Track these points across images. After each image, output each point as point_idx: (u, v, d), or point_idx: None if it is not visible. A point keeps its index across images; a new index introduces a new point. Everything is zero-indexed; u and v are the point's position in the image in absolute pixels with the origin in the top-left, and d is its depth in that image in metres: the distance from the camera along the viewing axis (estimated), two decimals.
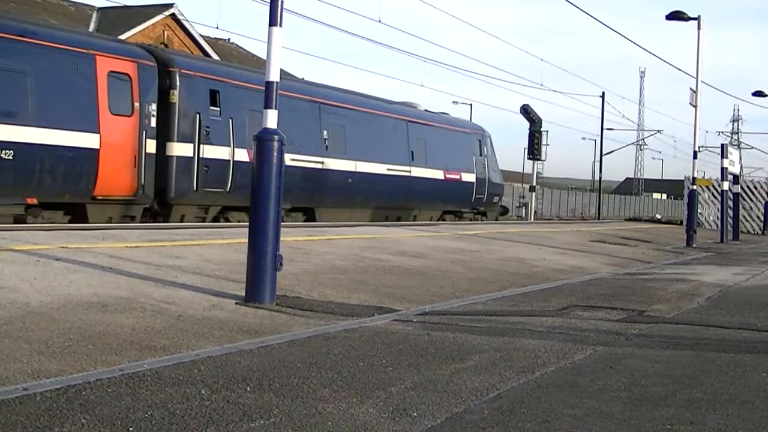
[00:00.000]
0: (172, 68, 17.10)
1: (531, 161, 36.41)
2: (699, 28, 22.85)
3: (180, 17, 30.54)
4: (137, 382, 4.05)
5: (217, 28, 32.88)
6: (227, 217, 18.30)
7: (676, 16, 22.77)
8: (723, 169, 25.76)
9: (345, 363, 4.75)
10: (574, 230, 23.51)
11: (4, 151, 13.78)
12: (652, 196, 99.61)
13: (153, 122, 16.37)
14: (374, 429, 3.53)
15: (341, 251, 11.50)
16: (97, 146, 15.27)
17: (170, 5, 30.37)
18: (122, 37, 24.90)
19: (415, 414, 3.75)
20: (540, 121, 36.66)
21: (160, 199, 16.92)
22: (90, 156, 15.16)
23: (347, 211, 22.09)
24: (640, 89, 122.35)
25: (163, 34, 29.93)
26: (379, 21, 26.80)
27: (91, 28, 28.83)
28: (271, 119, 7.15)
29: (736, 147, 43.25)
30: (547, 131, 39.97)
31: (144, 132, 16.14)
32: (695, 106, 23.43)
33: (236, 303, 6.95)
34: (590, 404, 4.02)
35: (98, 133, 15.32)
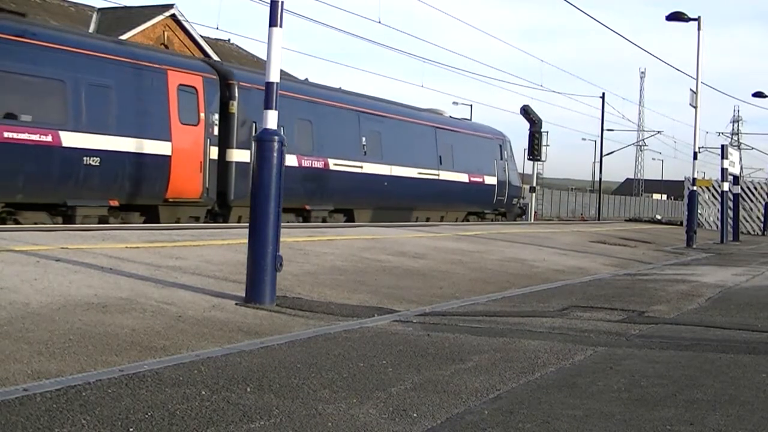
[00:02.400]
0: (232, 81, 18.46)
1: (531, 162, 36.41)
2: (699, 28, 22.85)
3: (180, 18, 30.54)
4: (137, 383, 4.05)
5: (217, 28, 32.98)
6: None
7: (676, 16, 22.78)
8: (723, 170, 25.76)
9: (345, 364, 4.76)
10: (574, 231, 23.51)
11: (92, 158, 15.18)
12: (652, 196, 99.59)
13: (215, 131, 17.82)
14: (374, 430, 3.53)
15: (341, 252, 11.50)
16: (169, 153, 16.72)
17: (170, 6, 30.37)
18: (122, 37, 24.91)
19: (415, 414, 3.75)
20: (540, 121, 36.66)
21: (220, 201, 18.27)
22: (163, 162, 16.62)
23: (382, 213, 23.22)
24: (640, 90, 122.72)
25: (163, 34, 29.94)
26: (379, 21, 26.89)
27: (91, 29, 28.83)
28: (271, 120, 7.14)
29: (736, 148, 43.24)
30: (547, 132, 40.15)
31: (208, 140, 17.59)
32: (695, 107, 23.43)
33: (236, 304, 6.95)
34: (590, 405, 4.02)
35: (170, 141, 16.78)
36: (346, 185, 21.63)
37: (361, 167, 22.30)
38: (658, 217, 61.64)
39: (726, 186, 25.78)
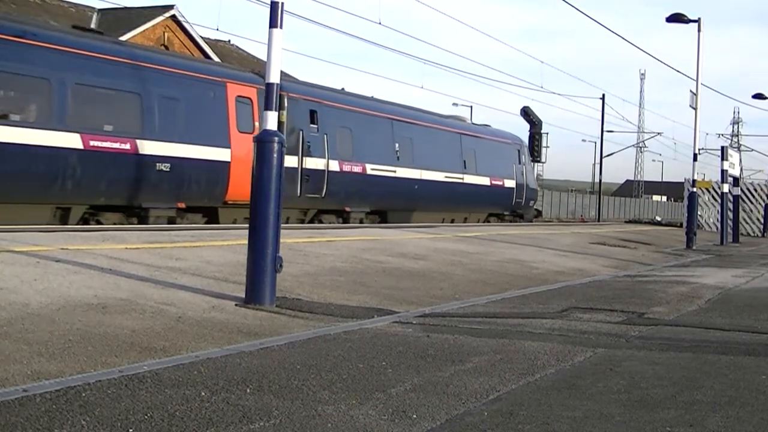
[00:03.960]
0: (282, 92, 20.05)
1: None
2: (699, 30, 22.86)
3: (180, 19, 30.53)
4: (137, 384, 4.05)
5: (217, 29, 32.78)
6: (321, 219, 21.26)
7: (676, 18, 22.78)
8: (723, 172, 25.76)
9: (345, 365, 4.75)
10: (574, 232, 23.51)
11: (164, 164, 16.64)
12: (652, 198, 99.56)
13: None
14: (374, 431, 3.53)
15: (341, 253, 11.50)
16: (229, 159, 18.17)
17: (170, 7, 30.36)
18: (122, 38, 24.91)
19: (414, 416, 3.75)
20: (540, 123, 36.75)
21: None
22: (223, 167, 18.08)
23: (412, 214, 24.88)
24: (641, 91, 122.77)
25: (164, 35, 29.94)
26: (379, 23, 26.89)
27: None
28: (271, 121, 7.14)
29: (736, 149, 43.18)
30: (547, 133, 40.32)
31: None
32: (695, 109, 23.43)
33: (236, 305, 6.95)
34: (590, 406, 4.02)
35: (230, 148, 18.24)
36: (381, 188, 23.18)
37: (395, 172, 23.86)
38: (658, 218, 61.61)
39: (726, 187, 25.77)
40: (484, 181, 28.83)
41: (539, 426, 3.65)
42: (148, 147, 16.34)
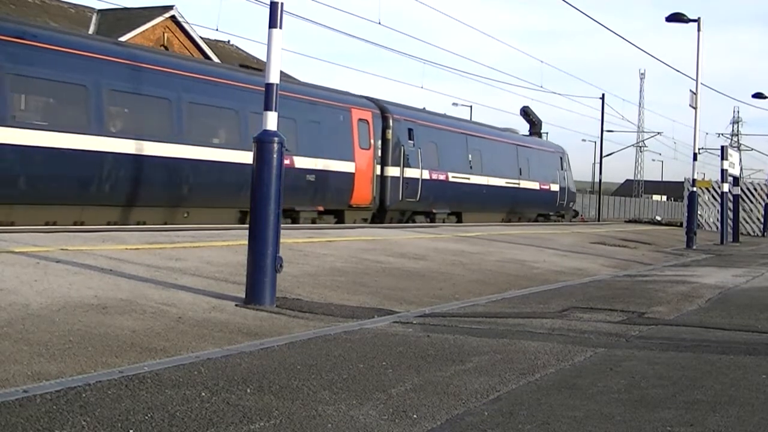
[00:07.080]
0: (388, 114, 24.09)
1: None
2: (699, 29, 22.85)
3: (180, 19, 30.53)
4: (137, 384, 4.05)
5: (216, 30, 32.70)
6: (414, 219, 25.09)
7: (676, 18, 22.78)
8: (723, 171, 25.75)
9: (345, 365, 4.76)
10: (574, 232, 23.51)
11: (310, 176, 20.53)
12: (652, 197, 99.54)
13: (379, 153, 23.34)
14: (374, 431, 3.53)
15: (341, 253, 11.50)
16: (353, 171, 22.16)
17: (170, 7, 30.36)
18: (122, 39, 24.92)
19: (415, 416, 3.75)
20: (540, 123, 36.80)
21: (379, 206, 23.58)
22: (349, 178, 22.05)
23: (479, 215, 28.15)
24: (640, 91, 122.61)
25: (163, 36, 29.94)
26: (379, 23, 26.94)
27: (91, 30, 28.82)
28: (271, 121, 7.15)
29: (736, 149, 43.09)
30: (547, 133, 40.39)
31: (375, 160, 23.03)
32: (695, 108, 23.42)
33: (236, 305, 6.95)
34: (590, 406, 4.02)
35: (353, 161, 22.20)
36: (458, 193, 27.07)
37: (469, 179, 27.81)
38: (658, 218, 61.62)
39: (726, 187, 25.77)
40: (535, 185, 32.75)
41: (539, 426, 3.66)
42: (301, 162, 19.97)
